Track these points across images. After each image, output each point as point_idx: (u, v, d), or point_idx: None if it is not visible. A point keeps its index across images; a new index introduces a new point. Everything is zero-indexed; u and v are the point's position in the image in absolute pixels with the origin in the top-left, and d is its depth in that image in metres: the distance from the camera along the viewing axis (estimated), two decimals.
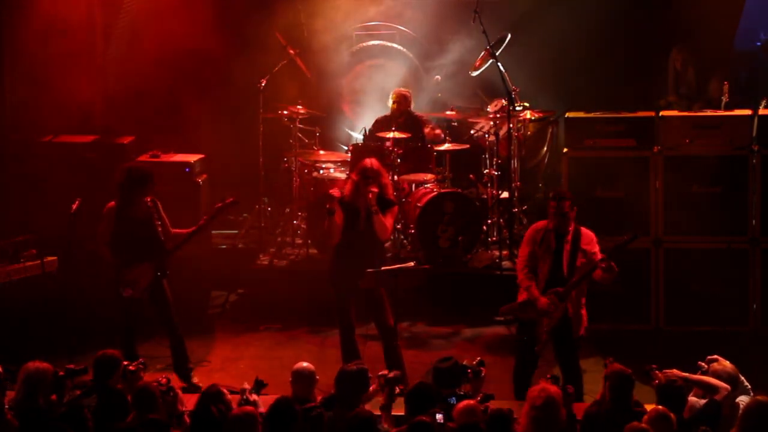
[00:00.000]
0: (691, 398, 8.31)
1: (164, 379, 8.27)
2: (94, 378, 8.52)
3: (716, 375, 8.46)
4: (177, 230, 10.96)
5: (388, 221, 10.51)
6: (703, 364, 8.63)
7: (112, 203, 10.83)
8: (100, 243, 10.87)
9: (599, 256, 9.79)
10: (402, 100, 13.70)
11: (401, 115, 13.69)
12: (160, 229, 10.81)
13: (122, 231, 10.75)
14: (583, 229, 9.96)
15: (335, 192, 10.62)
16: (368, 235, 10.49)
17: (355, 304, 10.63)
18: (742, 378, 8.60)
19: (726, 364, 8.55)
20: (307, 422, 7.68)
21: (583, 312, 9.92)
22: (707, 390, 8.33)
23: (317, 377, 8.57)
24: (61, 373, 8.39)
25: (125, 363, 8.62)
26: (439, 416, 7.71)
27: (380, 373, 8.55)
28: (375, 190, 10.40)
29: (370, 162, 10.56)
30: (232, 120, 14.21)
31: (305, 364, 8.61)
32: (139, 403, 7.91)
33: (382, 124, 13.66)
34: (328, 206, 10.43)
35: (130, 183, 10.76)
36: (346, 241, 10.53)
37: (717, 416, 8.05)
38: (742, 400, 8.32)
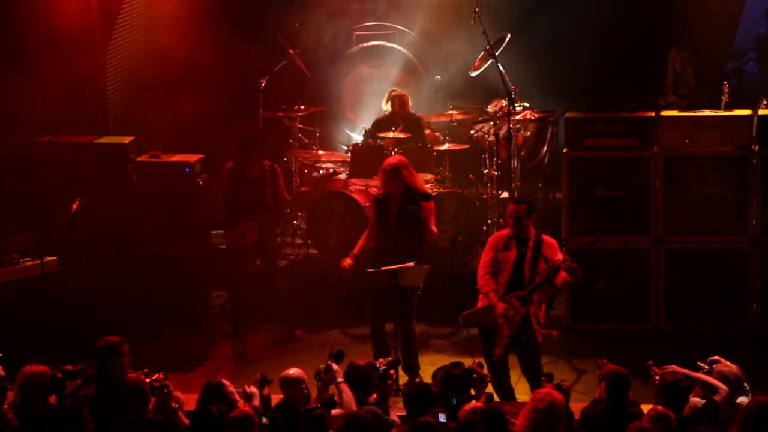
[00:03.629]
0: (693, 398, 8.29)
1: (161, 375, 8.27)
2: (95, 365, 8.55)
3: (721, 375, 8.42)
4: (287, 196, 12.17)
5: (431, 222, 10.53)
6: (703, 364, 8.61)
7: (230, 163, 11.86)
8: (216, 198, 12.04)
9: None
10: (401, 103, 13.67)
11: (401, 116, 13.66)
12: (269, 191, 11.72)
13: (234, 188, 11.77)
14: (545, 237, 9.98)
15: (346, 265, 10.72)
16: (400, 233, 10.52)
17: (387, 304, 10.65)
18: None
19: (731, 365, 8.52)
20: (309, 423, 7.68)
21: (540, 313, 9.86)
22: (707, 389, 8.31)
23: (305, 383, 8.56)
24: (59, 375, 8.39)
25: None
26: (442, 416, 7.73)
27: (379, 361, 8.58)
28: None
29: (388, 160, 10.72)
30: (232, 120, 14.21)
31: (292, 370, 8.59)
32: (129, 398, 7.91)
33: (382, 124, 13.66)
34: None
35: (244, 144, 11.82)
36: (380, 242, 10.59)
37: (715, 416, 8.04)
38: (743, 401, 8.30)
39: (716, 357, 8.63)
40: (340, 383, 8.55)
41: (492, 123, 13.33)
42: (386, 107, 13.69)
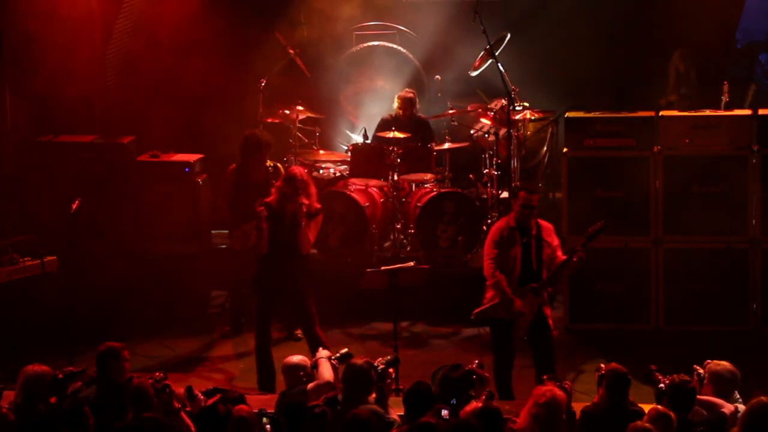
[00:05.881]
0: (697, 408, 8.24)
1: (160, 374, 8.26)
2: (96, 369, 8.56)
3: (715, 374, 8.42)
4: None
5: (312, 233, 10.58)
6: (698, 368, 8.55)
7: (233, 166, 11.94)
8: (219, 202, 12.16)
9: (559, 246, 9.90)
10: (408, 105, 13.52)
11: (408, 119, 13.57)
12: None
13: (239, 191, 11.81)
14: (542, 221, 10.04)
15: (262, 209, 10.55)
16: (291, 243, 10.50)
17: (279, 311, 10.96)
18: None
19: (724, 363, 8.50)
20: (311, 420, 7.69)
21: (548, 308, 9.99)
22: (713, 410, 8.22)
23: (309, 368, 8.66)
24: (61, 376, 8.38)
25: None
26: (444, 412, 7.73)
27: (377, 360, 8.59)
28: (306, 201, 10.40)
29: (299, 171, 10.59)
30: (232, 120, 14.21)
31: (295, 357, 8.70)
32: (133, 401, 7.92)
33: (388, 123, 13.62)
34: (258, 224, 10.51)
35: (246, 148, 11.84)
36: (270, 250, 10.54)
37: (722, 426, 7.99)
38: (740, 405, 8.28)
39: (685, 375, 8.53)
40: (319, 358, 8.70)
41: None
42: (395, 107, 13.66)
